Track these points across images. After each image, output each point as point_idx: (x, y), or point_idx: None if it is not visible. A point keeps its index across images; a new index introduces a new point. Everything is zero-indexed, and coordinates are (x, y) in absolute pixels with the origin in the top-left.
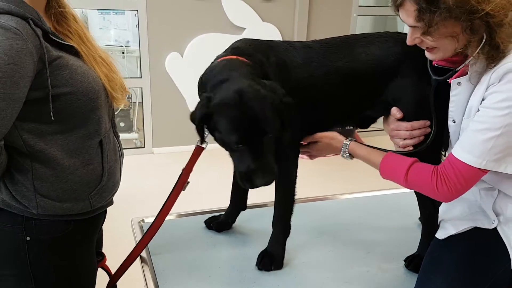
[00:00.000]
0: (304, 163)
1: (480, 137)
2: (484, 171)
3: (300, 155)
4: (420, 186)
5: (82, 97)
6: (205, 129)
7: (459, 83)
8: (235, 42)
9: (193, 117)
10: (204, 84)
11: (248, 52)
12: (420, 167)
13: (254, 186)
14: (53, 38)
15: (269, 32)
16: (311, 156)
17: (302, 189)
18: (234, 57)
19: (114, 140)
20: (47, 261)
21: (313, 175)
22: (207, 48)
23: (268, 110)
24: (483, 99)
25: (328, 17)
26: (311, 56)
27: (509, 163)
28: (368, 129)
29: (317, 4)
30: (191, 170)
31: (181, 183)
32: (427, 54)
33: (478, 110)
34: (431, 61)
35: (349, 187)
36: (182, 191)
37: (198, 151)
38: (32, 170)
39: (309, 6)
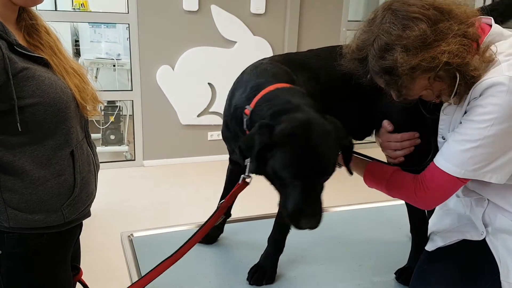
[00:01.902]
0: None
1: (459, 148)
2: (463, 181)
3: None
4: (401, 193)
5: (50, 108)
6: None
7: (450, 103)
8: (264, 65)
9: (249, 144)
10: (259, 115)
11: (291, 77)
12: (402, 175)
13: (299, 227)
14: (19, 49)
15: (260, 46)
16: None
17: None
18: (287, 85)
19: (88, 150)
20: (20, 274)
21: None
22: (198, 61)
23: (333, 149)
24: (465, 112)
25: (318, 32)
26: (322, 65)
27: (487, 173)
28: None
29: (307, 19)
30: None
31: (217, 217)
32: None
33: (460, 123)
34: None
35: (341, 198)
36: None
37: (242, 187)
38: (1, 182)
39: (299, 21)
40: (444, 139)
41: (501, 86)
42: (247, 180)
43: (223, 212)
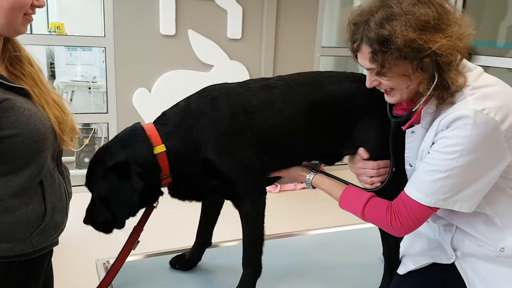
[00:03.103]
0: (273, 197)
1: (429, 178)
2: (434, 209)
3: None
4: (376, 221)
5: (27, 140)
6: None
7: (413, 132)
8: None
9: None
10: None
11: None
12: (376, 203)
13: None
14: (0, 81)
15: (237, 70)
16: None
17: (272, 224)
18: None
19: (59, 179)
20: None
21: (283, 209)
22: (175, 84)
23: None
24: (433, 143)
25: (292, 57)
26: (274, 97)
27: (456, 201)
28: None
29: (282, 44)
30: (142, 230)
31: (132, 241)
32: (386, 97)
33: (429, 153)
34: (390, 106)
35: (319, 219)
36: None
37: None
38: None
39: (275, 46)
40: (411, 166)
41: (467, 119)
42: (154, 204)
43: (137, 237)
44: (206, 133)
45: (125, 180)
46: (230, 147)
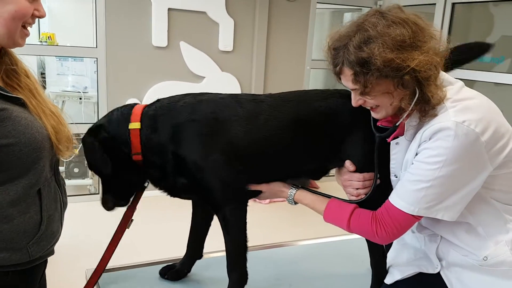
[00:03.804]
0: (263, 208)
1: (413, 187)
2: (417, 218)
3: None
4: (362, 231)
5: (25, 148)
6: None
7: (397, 143)
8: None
9: None
10: None
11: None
12: (361, 213)
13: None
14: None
15: (228, 81)
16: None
17: (261, 234)
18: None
19: (55, 188)
20: None
21: (272, 220)
22: (166, 95)
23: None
24: (416, 154)
25: (283, 69)
26: (260, 110)
27: (439, 210)
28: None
29: (273, 56)
30: (135, 208)
31: (126, 219)
32: (372, 114)
33: (412, 163)
34: (375, 121)
35: (308, 230)
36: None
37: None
38: None
39: (266, 59)
40: (396, 177)
41: (448, 130)
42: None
43: (131, 214)
44: (184, 129)
45: (95, 141)
46: (202, 150)
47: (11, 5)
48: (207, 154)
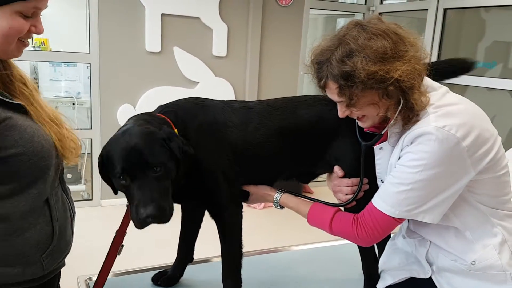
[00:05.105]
0: (257, 213)
1: (394, 190)
2: (398, 220)
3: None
4: (343, 233)
5: (34, 157)
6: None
7: (381, 148)
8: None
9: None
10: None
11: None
12: (342, 216)
13: (140, 219)
14: (0, 97)
15: (222, 87)
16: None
17: (256, 240)
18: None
19: (63, 197)
20: None
21: (267, 225)
22: (160, 101)
23: (154, 143)
24: (399, 158)
25: (277, 74)
26: (250, 118)
27: (420, 213)
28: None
29: (267, 62)
30: (125, 232)
31: (116, 245)
32: (359, 123)
33: (395, 167)
34: (360, 128)
35: (302, 235)
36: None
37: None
38: None
39: (259, 64)
40: (383, 182)
41: (429, 135)
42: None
43: (121, 240)
44: (196, 134)
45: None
46: (213, 152)
47: (4, 22)
48: (216, 156)
